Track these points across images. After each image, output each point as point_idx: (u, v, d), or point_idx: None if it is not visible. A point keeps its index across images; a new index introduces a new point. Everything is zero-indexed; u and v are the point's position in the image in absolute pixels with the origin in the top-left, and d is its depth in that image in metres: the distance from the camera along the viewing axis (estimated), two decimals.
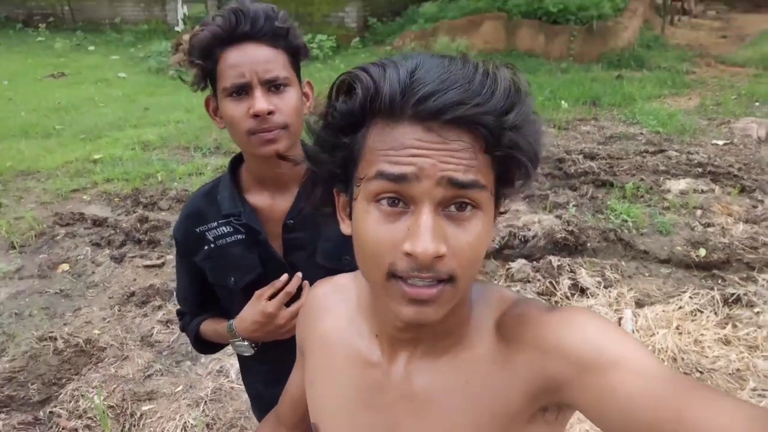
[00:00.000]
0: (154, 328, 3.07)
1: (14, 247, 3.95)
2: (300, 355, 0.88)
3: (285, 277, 1.13)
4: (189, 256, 1.22)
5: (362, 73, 0.57)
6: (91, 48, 12.78)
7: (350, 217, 0.64)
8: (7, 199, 4.74)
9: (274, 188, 1.15)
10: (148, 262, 3.73)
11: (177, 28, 13.51)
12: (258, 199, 1.16)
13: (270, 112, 1.02)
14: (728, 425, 0.47)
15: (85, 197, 4.80)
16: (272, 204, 1.16)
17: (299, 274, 1.13)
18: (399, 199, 0.56)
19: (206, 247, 1.18)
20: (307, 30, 11.10)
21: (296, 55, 1.08)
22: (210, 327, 1.28)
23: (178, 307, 1.37)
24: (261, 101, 1.01)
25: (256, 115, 1.02)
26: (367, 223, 0.58)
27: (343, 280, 0.82)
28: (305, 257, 1.15)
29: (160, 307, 3.24)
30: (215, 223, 1.16)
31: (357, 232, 0.61)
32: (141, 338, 3.00)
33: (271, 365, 1.21)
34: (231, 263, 1.17)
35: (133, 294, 3.37)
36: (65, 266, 3.74)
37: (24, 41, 13.55)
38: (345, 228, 0.67)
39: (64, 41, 12.94)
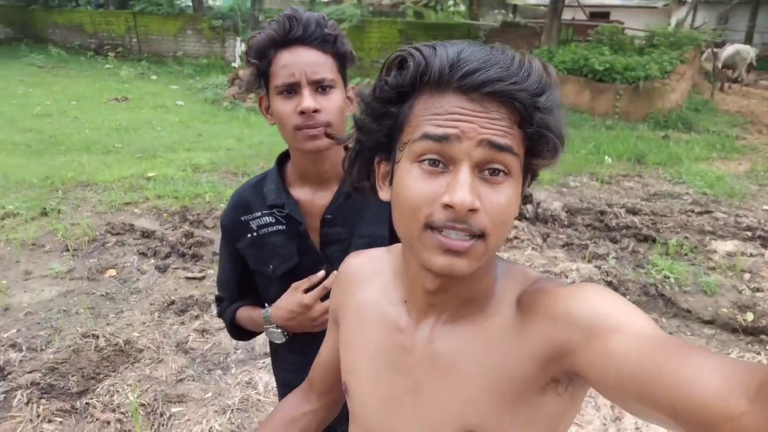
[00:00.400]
0: (189, 335, 3.14)
1: (68, 250, 4.14)
2: (332, 324, 0.93)
3: (322, 273, 1.19)
4: (233, 243, 1.29)
5: (414, 51, 0.64)
6: (154, 77, 13.52)
7: (390, 183, 0.70)
8: (66, 207, 5.00)
9: (316, 184, 1.22)
10: (190, 275, 3.85)
11: (234, 64, 14.20)
12: (300, 193, 1.23)
13: (316, 110, 1.09)
14: (701, 371, 0.50)
15: (136, 210, 5.01)
16: (313, 199, 1.22)
17: (335, 272, 1.18)
18: (439, 160, 0.62)
19: (249, 235, 1.25)
20: (356, 74, 11.52)
21: (343, 60, 1.17)
22: (245, 314, 1.33)
23: (217, 293, 1.42)
24: (308, 100, 1.09)
25: (302, 112, 1.10)
26: (409, 179, 0.64)
27: (377, 252, 0.88)
28: (340, 251, 1.19)
29: (197, 317, 3.33)
30: (259, 213, 1.24)
31: (398, 189, 0.66)
32: (177, 344, 3.07)
33: (299, 355, 1.27)
34: (271, 251, 1.24)
35: (173, 302, 3.47)
36: (113, 271, 3.89)
37: (93, 67, 14.47)
38: (383, 194, 0.72)
39: (129, 69, 13.75)
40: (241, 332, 1.38)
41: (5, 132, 7.72)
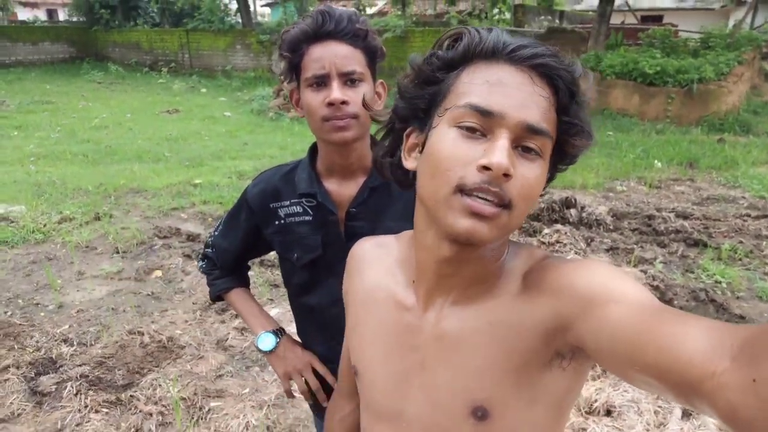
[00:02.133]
0: (229, 334, 3.22)
1: (118, 252, 4.33)
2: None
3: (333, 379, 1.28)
4: (255, 223, 1.31)
5: (471, 28, 0.68)
6: (203, 90, 14.02)
7: (421, 152, 0.71)
8: (117, 211, 5.23)
9: (342, 176, 1.23)
10: None
11: (280, 76, 14.54)
12: (327, 184, 1.24)
13: (344, 102, 1.11)
14: (689, 332, 0.51)
15: (183, 215, 5.19)
16: (339, 191, 1.23)
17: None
18: (478, 129, 0.64)
19: (277, 222, 1.27)
20: (393, 84, 11.54)
21: (373, 56, 1.18)
22: (239, 300, 1.39)
23: (207, 250, 1.44)
24: (336, 91, 1.11)
25: (331, 104, 1.11)
26: (447, 141, 0.65)
27: (385, 238, 0.89)
28: None
29: (236, 316, 3.40)
30: (288, 202, 1.25)
31: (432, 151, 0.67)
32: (217, 342, 3.15)
33: (325, 346, 1.30)
34: (295, 240, 1.26)
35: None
36: (159, 272, 4.04)
37: (148, 82, 15.14)
38: (409, 164, 0.73)
39: (180, 83, 14.33)
40: (219, 299, 1.44)
41: (65, 143, 8.17)
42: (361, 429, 0.87)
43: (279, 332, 1.33)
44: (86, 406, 2.51)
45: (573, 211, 4.99)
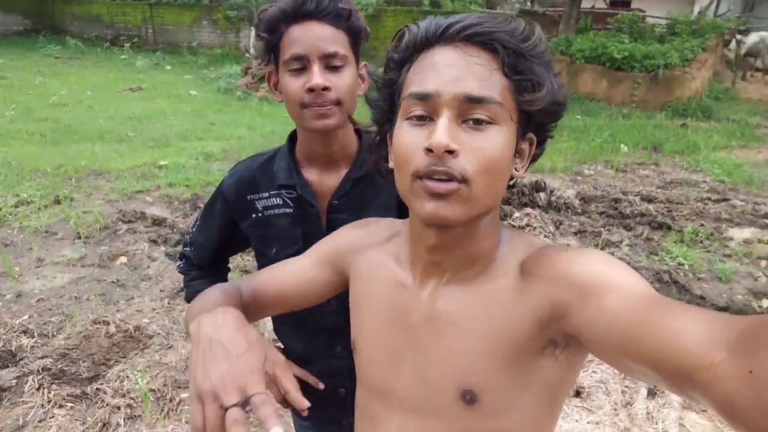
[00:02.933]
0: None
1: (80, 238, 4.19)
2: (326, 264, 0.90)
3: (321, 385, 1.05)
4: (231, 217, 1.24)
5: (412, 24, 0.70)
6: (168, 67, 13.59)
7: None
8: (78, 194, 5.05)
9: (323, 166, 1.18)
10: None
11: (247, 54, 14.21)
12: (307, 175, 1.18)
13: (325, 88, 1.05)
14: (686, 323, 0.51)
15: (148, 198, 5.05)
16: (320, 181, 1.18)
17: (321, 385, 1.06)
18: (425, 115, 0.66)
19: (254, 215, 1.21)
20: (371, 63, 11.41)
21: (357, 37, 1.11)
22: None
23: (185, 248, 1.35)
24: (317, 76, 1.04)
25: (311, 90, 1.05)
26: (401, 134, 0.68)
27: (391, 220, 0.91)
28: None
29: None
30: (266, 194, 1.19)
31: (394, 146, 0.70)
32: (186, 330, 3.08)
33: (304, 343, 1.26)
34: (274, 234, 1.20)
35: (182, 289, 3.48)
36: (123, 259, 3.92)
37: (109, 58, 14.58)
38: (391, 164, 0.75)
39: (144, 60, 13.84)
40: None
41: (21, 121, 7.82)
42: (356, 404, 0.88)
43: None
44: (49, 401, 2.42)
45: (542, 194, 5.05)
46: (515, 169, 0.71)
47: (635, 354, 0.54)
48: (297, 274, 0.93)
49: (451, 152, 0.62)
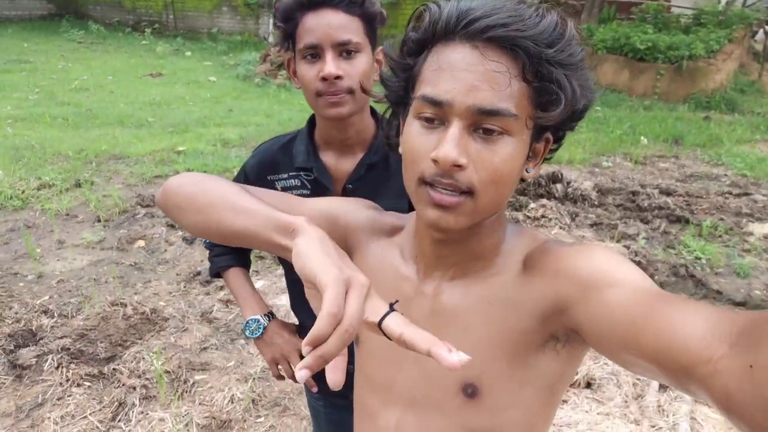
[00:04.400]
0: (214, 306, 3.21)
1: (99, 221, 4.26)
2: (322, 215, 0.84)
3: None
4: None
5: (433, 4, 0.66)
6: (188, 53, 13.65)
7: None
8: (98, 178, 5.13)
9: (339, 151, 1.20)
10: None
11: (266, 41, 14.21)
12: (326, 158, 1.21)
13: (338, 77, 1.06)
14: (687, 318, 0.51)
15: None
16: (336, 165, 1.20)
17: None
18: (435, 118, 0.64)
19: None
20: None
21: (372, 22, 1.12)
22: (235, 281, 1.34)
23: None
24: (330, 65, 1.06)
25: (324, 79, 1.07)
26: (410, 134, 0.67)
27: (390, 215, 0.87)
28: None
29: (222, 288, 3.39)
30: (286, 175, 1.22)
31: (403, 142, 0.69)
32: (201, 314, 3.14)
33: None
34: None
35: (198, 273, 3.55)
36: (141, 242, 3.99)
37: (130, 43, 14.69)
38: (401, 147, 0.73)
39: (165, 45, 13.91)
40: (218, 276, 1.40)
41: (44, 105, 7.94)
42: (354, 400, 0.88)
43: (268, 316, 1.31)
44: (68, 380, 2.49)
45: (559, 186, 5.00)
46: (526, 170, 0.69)
47: (636, 349, 0.54)
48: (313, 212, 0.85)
49: (458, 166, 0.61)
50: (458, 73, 0.61)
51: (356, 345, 0.86)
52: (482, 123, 0.62)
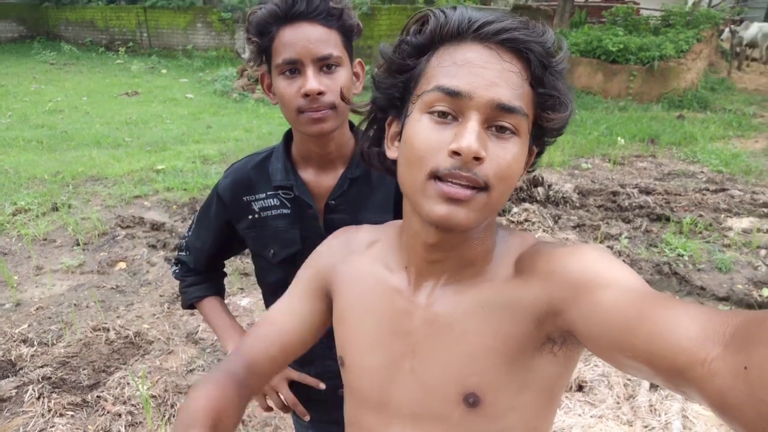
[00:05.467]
0: (199, 326, 3.15)
1: (78, 244, 4.18)
2: (313, 294, 0.86)
3: (323, 386, 1.25)
4: (227, 219, 1.23)
5: (436, 9, 0.67)
6: (164, 71, 13.56)
7: (400, 140, 0.70)
8: (76, 201, 5.04)
9: (319, 167, 1.16)
10: None
11: (243, 56, 14.17)
12: (303, 174, 1.17)
13: (320, 93, 1.03)
14: (681, 318, 0.51)
15: (146, 203, 5.04)
16: (317, 181, 1.16)
17: (322, 385, 1.25)
18: (449, 113, 0.63)
19: (250, 217, 1.19)
20: (366, 62, 11.41)
21: (350, 35, 1.09)
22: (211, 312, 1.30)
23: (181, 253, 1.35)
24: (312, 81, 1.02)
25: (306, 95, 1.03)
26: (419, 129, 0.65)
27: (373, 226, 0.88)
28: None
29: None
30: (263, 195, 1.18)
31: (407, 139, 0.67)
32: (186, 335, 3.08)
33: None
34: (272, 236, 1.19)
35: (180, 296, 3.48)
36: (123, 264, 3.92)
37: (105, 63, 14.56)
38: (391, 153, 0.73)
39: (139, 64, 13.82)
40: (191, 308, 1.36)
41: (17, 129, 7.81)
42: (345, 419, 0.85)
43: None
44: (50, 410, 2.42)
45: (540, 189, 5.04)
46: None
47: (629, 349, 0.54)
48: (285, 322, 0.86)
49: (478, 159, 0.61)
50: (476, 69, 0.62)
51: (342, 368, 0.83)
52: (497, 119, 0.62)
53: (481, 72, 0.62)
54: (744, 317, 0.47)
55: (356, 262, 0.83)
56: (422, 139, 0.64)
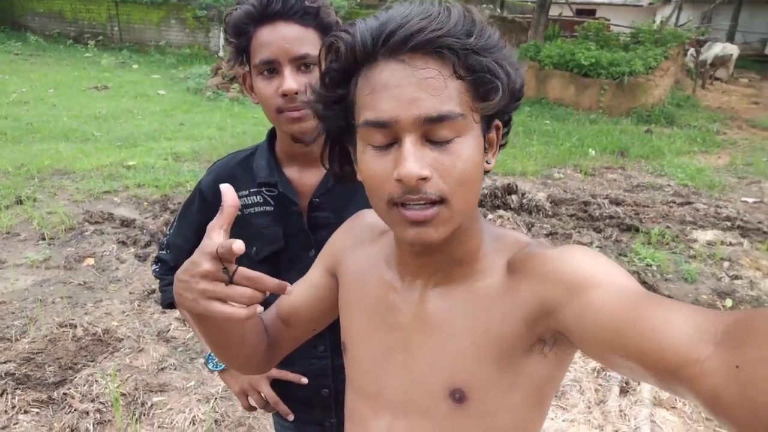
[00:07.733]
0: (171, 324, 3.08)
1: (44, 239, 4.05)
2: (324, 271, 0.90)
3: (305, 380, 1.22)
4: (210, 216, 1.21)
5: (341, 32, 0.65)
6: (135, 66, 13.28)
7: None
8: (42, 195, 4.88)
9: (302, 164, 1.16)
10: None
11: (217, 56, 14.00)
12: (287, 172, 1.17)
13: (298, 92, 1.03)
14: (673, 318, 0.51)
15: (115, 199, 4.91)
16: (300, 179, 1.16)
17: (304, 380, 1.22)
18: (386, 140, 0.63)
19: None
20: None
21: (327, 32, 1.07)
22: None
23: (161, 252, 1.33)
24: (290, 81, 1.03)
25: (284, 94, 1.04)
26: (365, 161, 0.65)
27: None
28: (328, 236, 1.16)
29: None
30: (246, 192, 1.17)
31: (360, 171, 0.68)
32: (158, 333, 3.01)
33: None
34: (255, 233, 1.17)
35: (153, 291, 3.41)
36: (91, 260, 3.80)
37: (73, 56, 14.16)
38: (359, 175, 0.71)
39: (110, 58, 13.50)
40: (171, 306, 1.32)
41: None
42: (345, 407, 0.86)
43: None
44: (13, 407, 2.33)
45: (514, 197, 5.11)
46: (486, 162, 0.69)
47: (622, 349, 0.54)
48: (311, 288, 0.90)
49: (423, 179, 0.60)
50: (393, 91, 0.61)
51: (344, 353, 0.85)
52: (432, 131, 0.61)
53: (398, 92, 0.60)
54: (736, 316, 0.47)
55: (362, 252, 0.84)
56: (371, 172, 0.64)
